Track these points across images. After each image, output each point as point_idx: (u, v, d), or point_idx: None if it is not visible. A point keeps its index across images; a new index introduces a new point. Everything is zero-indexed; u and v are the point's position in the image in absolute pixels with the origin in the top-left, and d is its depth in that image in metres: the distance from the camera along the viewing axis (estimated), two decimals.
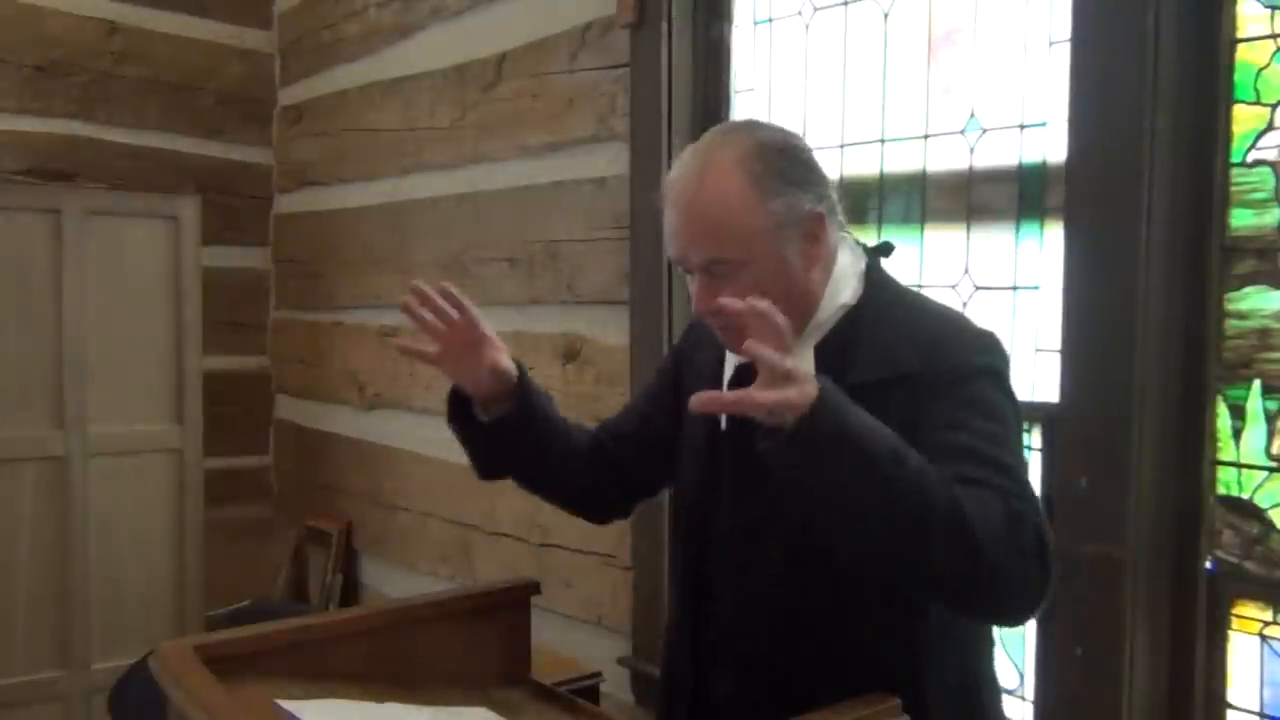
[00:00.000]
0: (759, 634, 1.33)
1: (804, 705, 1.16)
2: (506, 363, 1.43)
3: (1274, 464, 1.57)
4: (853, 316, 1.32)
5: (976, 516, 1.11)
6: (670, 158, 2.29)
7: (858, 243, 1.41)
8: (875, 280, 1.36)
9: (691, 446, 1.44)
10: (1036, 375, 1.80)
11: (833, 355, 1.30)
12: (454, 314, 1.42)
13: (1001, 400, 1.26)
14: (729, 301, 1.16)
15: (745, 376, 1.36)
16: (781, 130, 1.37)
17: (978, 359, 1.27)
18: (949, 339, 1.28)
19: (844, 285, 1.33)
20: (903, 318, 1.31)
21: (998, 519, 1.13)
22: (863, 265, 1.36)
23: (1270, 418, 1.57)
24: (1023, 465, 1.26)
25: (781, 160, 1.29)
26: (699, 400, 1.11)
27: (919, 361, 1.25)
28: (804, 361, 1.30)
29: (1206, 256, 1.60)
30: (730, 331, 1.33)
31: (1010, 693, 1.85)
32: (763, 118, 1.36)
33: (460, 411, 1.48)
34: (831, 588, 1.27)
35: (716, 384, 1.41)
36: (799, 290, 1.30)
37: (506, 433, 1.44)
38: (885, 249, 1.43)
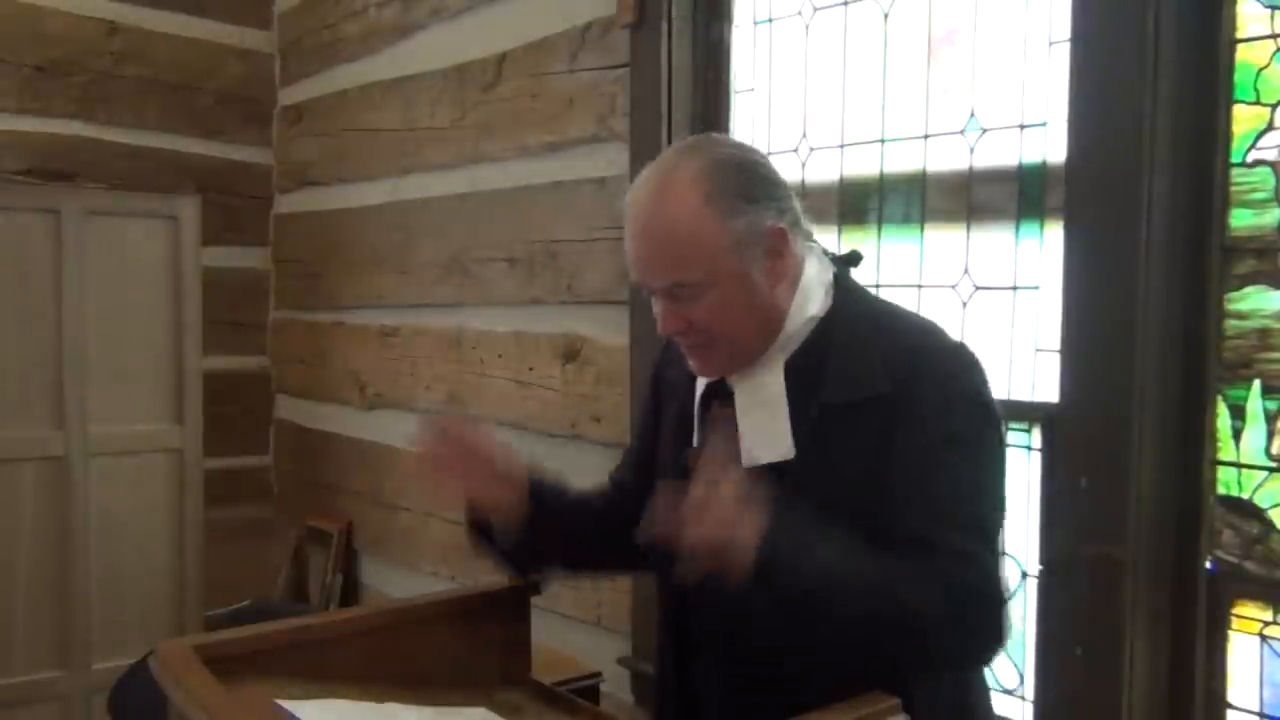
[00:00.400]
0: (742, 654, 1.32)
1: (792, 706, 1.16)
2: (518, 474, 1.43)
3: (1274, 464, 1.57)
4: (822, 330, 1.31)
5: (921, 615, 1.15)
6: None
7: (825, 252, 1.39)
8: (844, 290, 1.34)
9: (666, 467, 1.43)
10: (1036, 375, 1.80)
11: (803, 373, 1.29)
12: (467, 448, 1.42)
13: (981, 429, 1.25)
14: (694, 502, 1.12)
15: (713, 394, 1.36)
16: (738, 145, 1.35)
17: (953, 382, 1.25)
18: (921, 357, 1.26)
19: (812, 296, 1.31)
20: (873, 332, 1.29)
21: (938, 607, 1.15)
22: (830, 275, 1.34)
23: (1270, 418, 1.57)
24: (994, 504, 1.25)
25: (739, 176, 1.27)
26: (648, 525, 1.14)
27: (890, 382, 1.24)
28: (773, 378, 1.30)
29: (1206, 256, 1.60)
30: (696, 351, 1.33)
31: (1010, 692, 1.85)
32: (718, 133, 1.35)
33: (479, 530, 1.49)
34: (806, 620, 1.24)
35: (688, 400, 1.40)
36: (764, 307, 1.29)
37: (528, 535, 1.44)
38: (853, 258, 1.42)
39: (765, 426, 1.29)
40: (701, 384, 1.38)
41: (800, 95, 2.21)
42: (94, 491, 3.09)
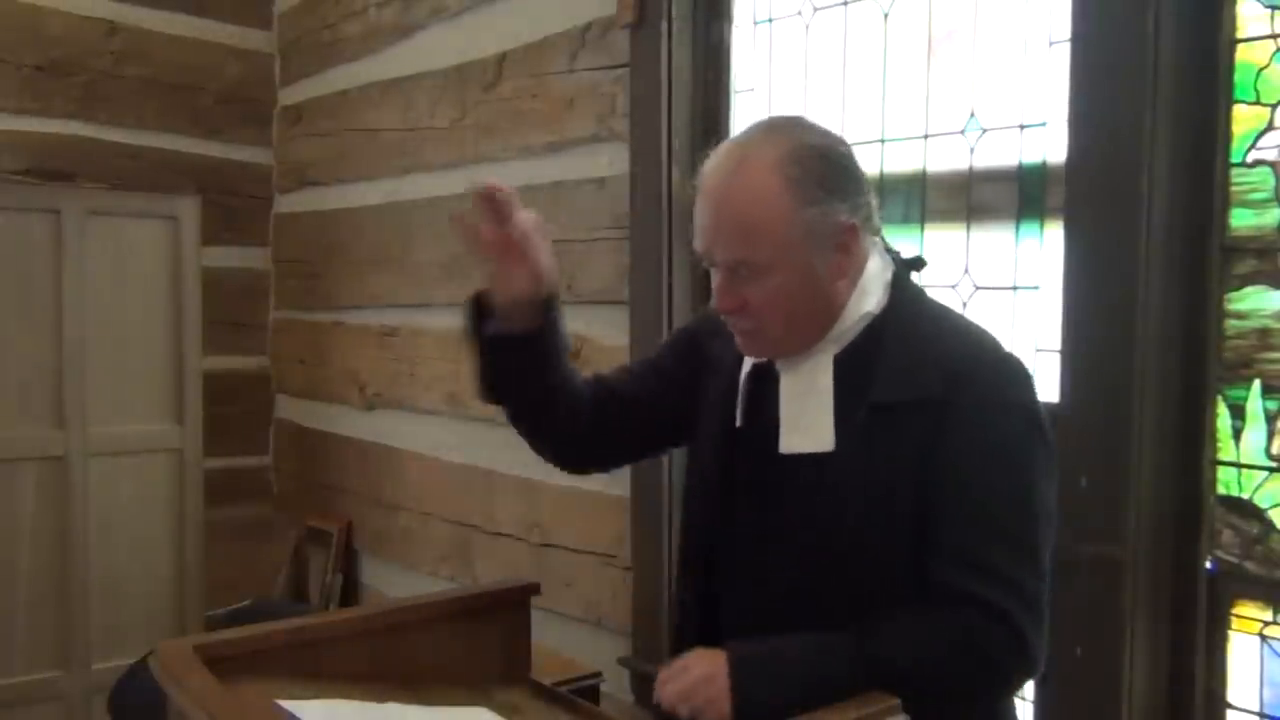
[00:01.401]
0: (772, 634, 1.31)
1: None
2: (549, 275, 1.37)
3: (1274, 464, 1.57)
4: (876, 328, 1.29)
5: (942, 671, 1.19)
6: (670, 158, 2.29)
7: (889, 249, 1.38)
8: (901, 290, 1.33)
9: (707, 443, 1.42)
10: (1036, 375, 1.80)
11: (852, 369, 1.28)
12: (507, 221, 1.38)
13: (1031, 442, 1.24)
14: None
15: (761, 376, 1.36)
16: (826, 133, 1.33)
17: (1003, 392, 1.24)
18: (974, 364, 1.25)
19: (870, 293, 1.30)
20: (927, 335, 1.28)
21: (957, 678, 1.20)
22: (890, 274, 1.33)
23: (1270, 418, 1.57)
24: (1041, 524, 1.24)
25: (821, 166, 1.26)
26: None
27: (941, 387, 1.23)
28: (821, 371, 1.29)
29: (1206, 256, 1.60)
30: (749, 335, 1.32)
31: None
32: (808, 119, 1.34)
33: (477, 322, 1.44)
34: (838, 599, 1.26)
35: (734, 378, 1.39)
36: (822, 299, 1.28)
37: (524, 351, 1.39)
38: (918, 263, 1.40)
39: (807, 416, 1.29)
40: (747, 364, 1.37)
41: (800, 95, 2.21)
42: (94, 491, 3.09)
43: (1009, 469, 1.22)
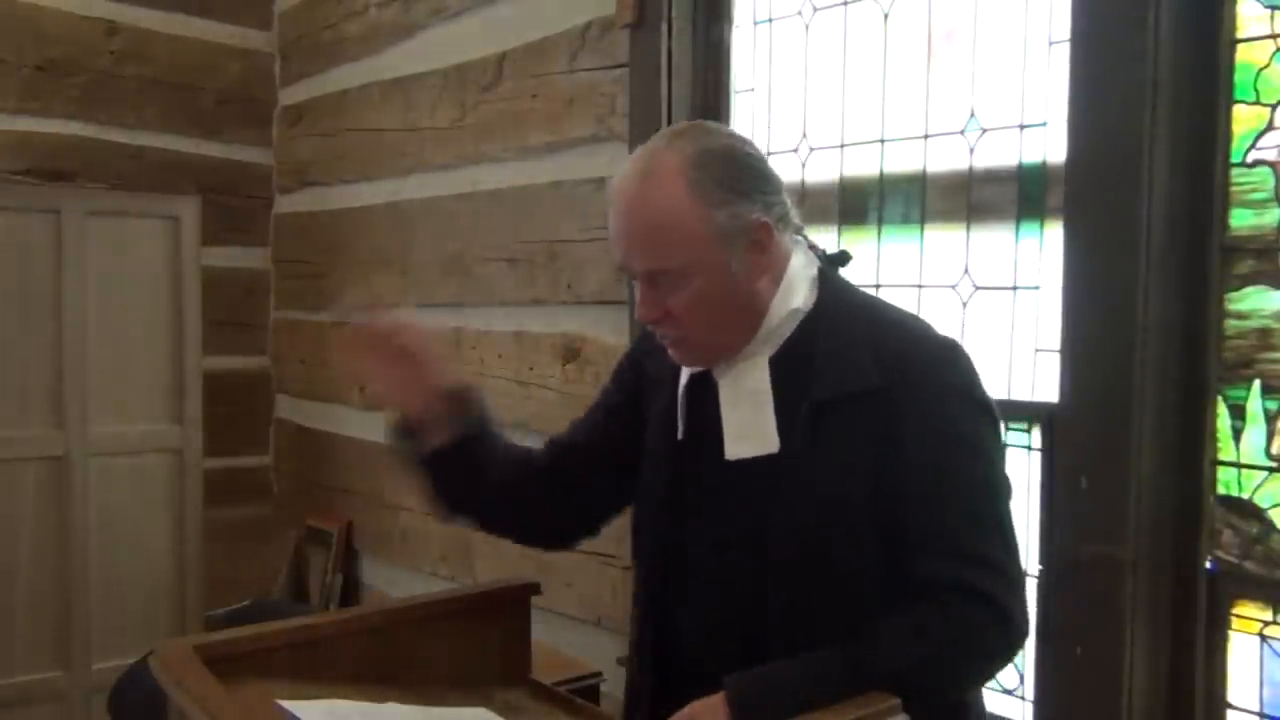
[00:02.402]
0: (728, 650, 1.30)
1: None
2: (438, 376, 1.41)
3: (1274, 464, 1.57)
4: (808, 325, 1.30)
5: (939, 666, 1.21)
6: None
7: (813, 247, 1.39)
8: (829, 285, 1.33)
9: (653, 459, 1.42)
10: (1036, 375, 1.80)
11: (790, 369, 1.28)
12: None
13: (981, 425, 1.26)
14: None
15: (698, 386, 1.36)
16: (730, 135, 1.34)
17: (945, 376, 1.25)
18: (911, 352, 1.26)
19: (795, 290, 1.31)
20: (859, 327, 1.29)
21: (950, 664, 1.21)
22: (815, 270, 1.34)
23: (1270, 418, 1.56)
24: (1005, 503, 1.26)
25: (727, 168, 1.26)
26: None
27: (881, 376, 1.23)
28: (758, 374, 1.29)
29: (1206, 256, 1.60)
30: (678, 345, 1.33)
31: (1010, 692, 1.85)
32: (711, 122, 1.35)
33: (406, 444, 1.46)
34: (801, 600, 1.26)
35: (674, 392, 1.39)
36: (744, 299, 1.28)
37: (463, 453, 1.41)
38: (842, 258, 1.41)
39: (749, 420, 1.29)
40: (685, 376, 1.37)
41: (800, 95, 2.21)
42: (94, 491, 3.09)
43: (962, 452, 1.24)
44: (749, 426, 1.29)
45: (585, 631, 2.56)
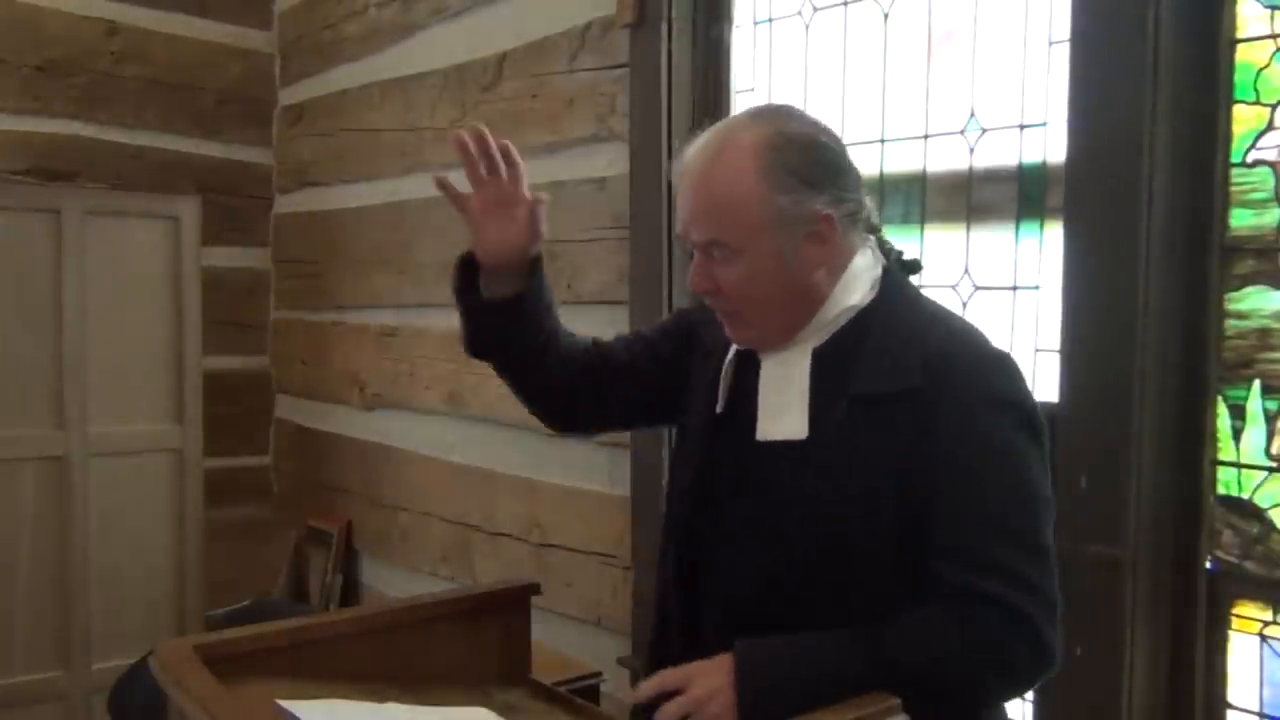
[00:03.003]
0: (742, 629, 1.30)
1: None
2: (537, 230, 1.42)
3: (1274, 464, 1.57)
4: (859, 321, 1.30)
5: (961, 673, 1.18)
6: (670, 158, 2.29)
7: (888, 248, 1.39)
8: (891, 286, 1.33)
9: (690, 431, 1.43)
10: (1036, 375, 1.80)
11: (834, 362, 1.28)
12: (503, 169, 1.42)
13: (1021, 439, 1.23)
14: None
15: (745, 365, 1.36)
16: (813, 124, 1.33)
17: (989, 386, 1.23)
18: (957, 356, 1.25)
19: (855, 287, 1.31)
20: (910, 327, 1.28)
21: (983, 654, 1.18)
22: (879, 270, 1.33)
23: (1270, 418, 1.57)
24: (1044, 516, 1.23)
25: (799, 156, 1.27)
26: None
27: (923, 377, 1.22)
28: (800, 361, 1.30)
29: (1206, 256, 1.60)
30: (730, 319, 1.34)
31: None
32: (798, 108, 1.35)
33: (466, 282, 1.47)
34: (813, 588, 1.26)
35: (720, 366, 1.39)
36: (795, 288, 1.29)
37: (510, 314, 1.43)
38: (914, 266, 1.41)
39: (784, 404, 1.29)
40: (733, 352, 1.38)
41: (800, 95, 2.21)
42: (94, 491, 3.09)
43: (1004, 465, 1.21)
44: (782, 410, 1.29)
45: (585, 631, 2.56)
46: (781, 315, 1.30)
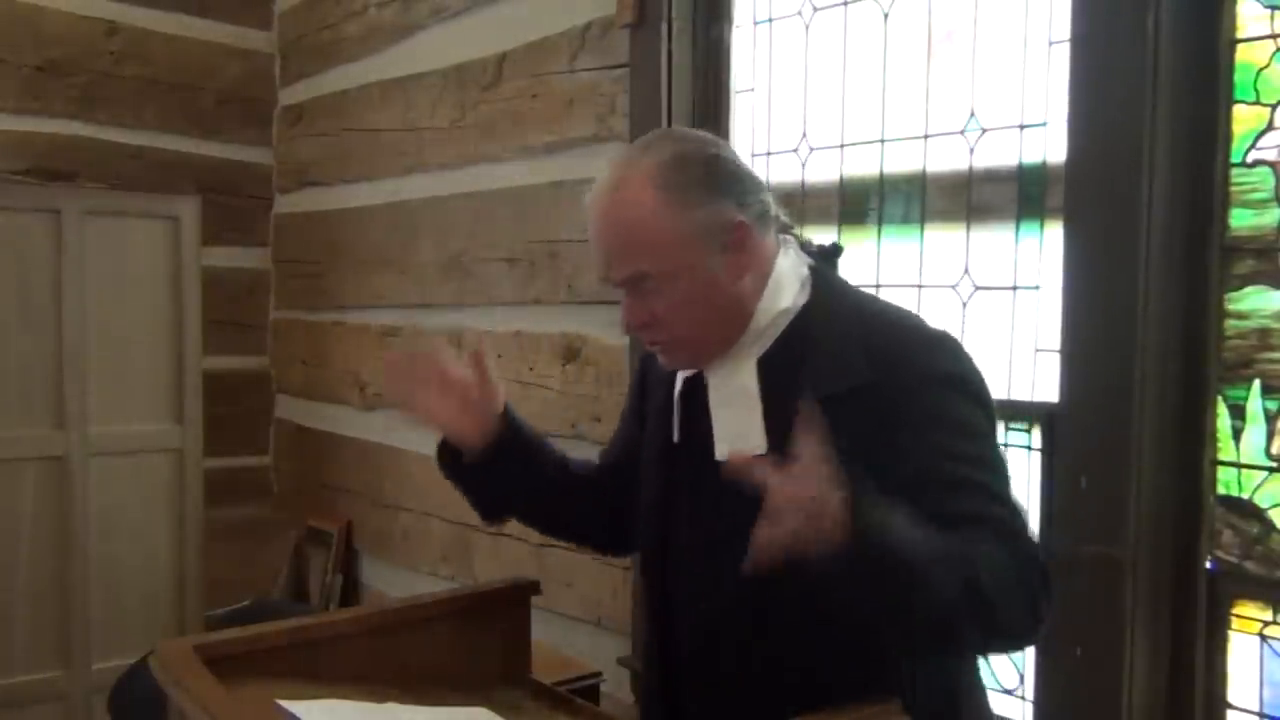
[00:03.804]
0: (724, 651, 1.31)
1: (772, 714, 1.16)
2: (491, 387, 1.44)
3: (1274, 464, 1.57)
4: (798, 325, 1.29)
5: (993, 590, 1.10)
6: None
7: (806, 244, 1.38)
8: (821, 283, 1.33)
9: (648, 461, 1.43)
10: (1036, 375, 1.80)
11: (780, 369, 1.27)
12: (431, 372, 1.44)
13: (970, 410, 1.23)
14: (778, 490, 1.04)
15: (692, 387, 1.36)
16: (702, 139, 1.34)
17: (935, 366, 1.23)
18: (901, 346, 1.25)
19: (784, 289, 1.30)
20: (851, 324, 1.27)
21: (1013, 573, 1.13)
22: (805, 269, 1.33)
23: (1270, 418, 1.57)
24: (1007, 480, 1.23)
25: (699, 170, 1.27)
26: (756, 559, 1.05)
27: (870, 372, 1.22)
28: (746, 374, 1.29)
29: (1206, 256, 1.60)
30: (666, 349, 1.33)
31: (1010, 693, 1.85)
32: (680, 128, 1.37)
33: (451, 458, 1.48)
34: (796, 602, 1.22)
35: (669, 396, 1.39)
36: (728, 300, 1.28)
37: (497, 464, 1.44)
38: (834, 250, 1.40)
39: (737, 420, 1.29)
40: (681, 380, 1.38)
41: (800, 95, 2.21)
42: (94, 491, 3.09)
43: (954, 433, 1.20)
44: (738, 426, 1.28)
45: (585, 631, 2.56)
46: (718, 331, 1.30)
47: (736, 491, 1.23)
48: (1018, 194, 1.84)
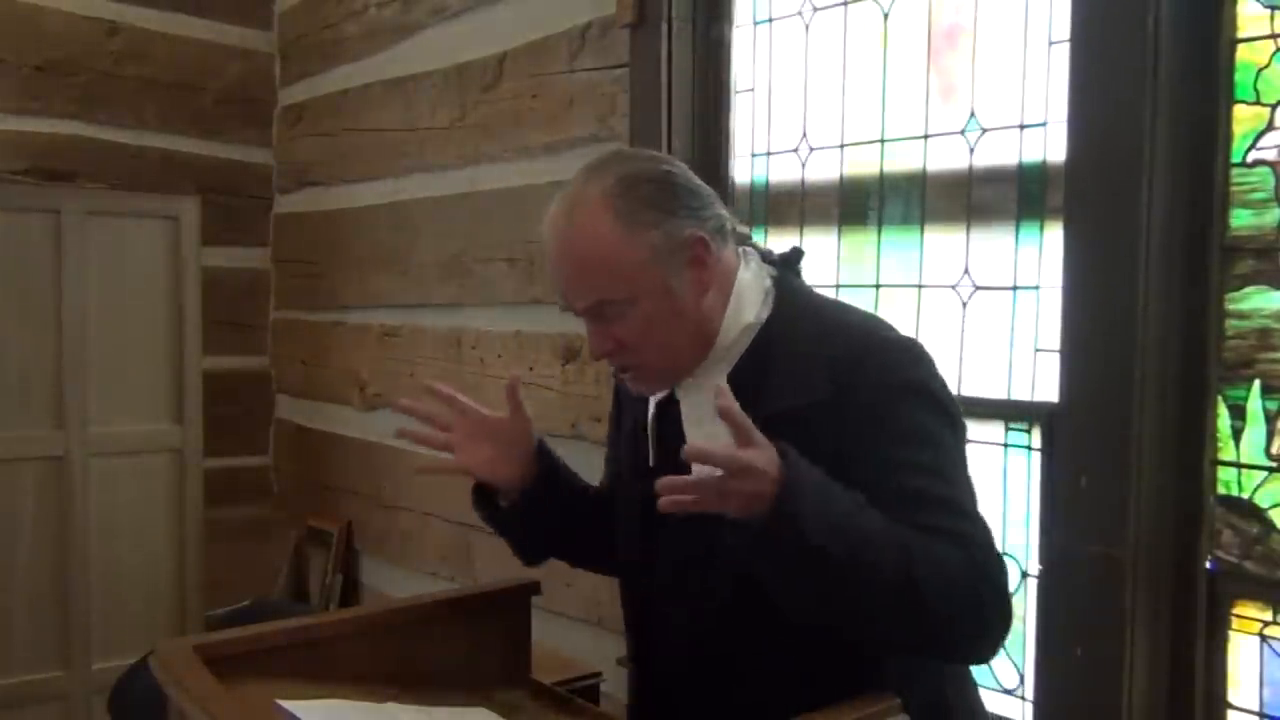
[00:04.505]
0: (709, 668, 1.31)
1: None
2: (523, 416, 1.42)
3: (1274, 464, 1.57)
4: (763, 339, 1.29)
5: (931, 587, 1.10)
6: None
7: (767, 254, 1.38)
8: (784, 293, 1.32)
9: (625, 481, 1.43)
10: (1036, 375, 1.80)
11: (747, 385, 1.25)
12: (450, 413, 1.44)
13: (931, 421, 1.22)
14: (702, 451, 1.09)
15: (663, 410, 1.35)
16: (650, 158, 1.34)
17: (894, 375, 1.23)
18: (864, 353, 1.24)
19: (747, 303, 1.30)
20: (811, 338, 1.27)
21: (959, 580, 1.12)
22: (768, 280, 1.33)
23: (1270, 418, 1.57)
24: (970, 492, 1.22)
25: (649, 189, 1.26)
26: (665, 494, 1.08)
27: (831, 386, 1.21)
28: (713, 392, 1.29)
29: (1206, 256, 1.60)
30: (634, 374, 1.33)
31: (1010, 692, 1.85)
32: (629, 148, 1.35)
33: (486, 500, 1.47)
34: (758, 618, 1.23)
35: (642, 419, 1.39)
36: (692, 319, 1.27)
37: (539, 506, 1.43)
38: (795, 256, 1.39)
39: (711, 438, 1.25)
40: (652, 404, 1.37)
41: (800, 95, 2.21)
42: (94, 491, 3.09)
43: (907, 442, 1.20)
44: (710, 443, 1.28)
45: (585, 631, 2.56)
46: (685, 351, 1.29)
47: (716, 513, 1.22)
48: (1018, 194, 1.84)
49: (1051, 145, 1.78)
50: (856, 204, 2.10)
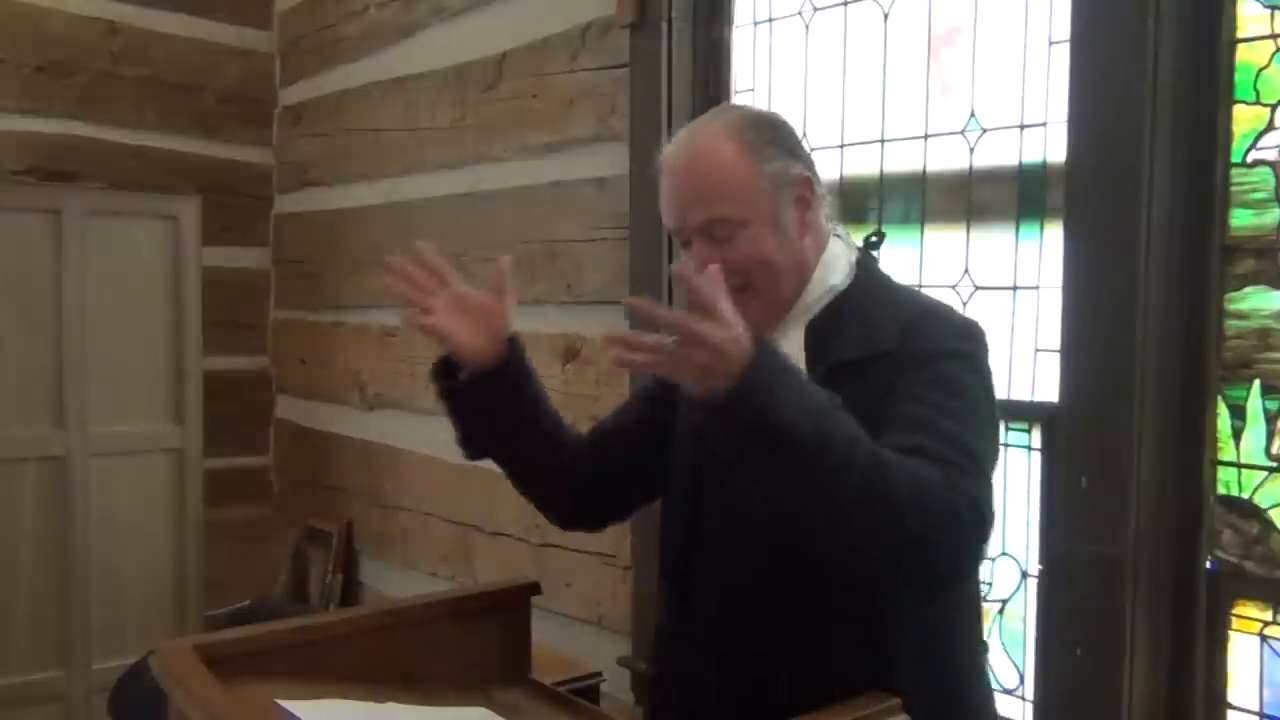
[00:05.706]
0: (737, 630, 1.32)
1: (784, 703, 1.16)
2: (508, 324, 1.46)
3: (1274, 464, 1.57)
4: (840, 301, 1.35)
5: (904, 487, 1.10)
6: None
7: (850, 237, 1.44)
8: (866, 269, 1.39)
9: (681, 440, 1.44)
10: (1036, 375, 1.80)
11: (821, 338, 1.32)
12: (434, 282, 1.50)
13: (970, 382, 1.27)
14: (681, 268, 1.15)
15: None
16: (771, 110, 1.44)
17: (952, 341, 1.29)
18: (928, 320, 1.31)
19: (835, 269, 1.36)
20: (886, 301, 1.34)
21: (931, 487, 1.12)
22: (855, 255, 1.39)
23: (1270, 418, 1.57)
24: (985, 447, 1.23)
25: (771, 130, 1.36)
26: (613, 348, 1.14)
27: (896, 340, 1.28)
28: (793, 341, 1.32)
29: (1206, 256, 1.60)
30: (740, 296, 1.32)
31: (1010, 692, 1.85)
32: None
33: (446, 375, 1.47)
34: (810, 586, 1.26)
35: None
36: (793, 257, 1.33)
37: (496, 388, 1.43)
38: (877, 235, 1.49)
39: None
40: None
41: (800, 95, 2.21)
42: (94, 491, 3.09)
43: (941, 388, 1.23)
44: None
45: (585, 631, 2.56)
46: (784, 285, 1.33)
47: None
48: (1018, 194, 1.84)
49: (1051, 145, 1.78)
50: (856, 204, 2.10)
